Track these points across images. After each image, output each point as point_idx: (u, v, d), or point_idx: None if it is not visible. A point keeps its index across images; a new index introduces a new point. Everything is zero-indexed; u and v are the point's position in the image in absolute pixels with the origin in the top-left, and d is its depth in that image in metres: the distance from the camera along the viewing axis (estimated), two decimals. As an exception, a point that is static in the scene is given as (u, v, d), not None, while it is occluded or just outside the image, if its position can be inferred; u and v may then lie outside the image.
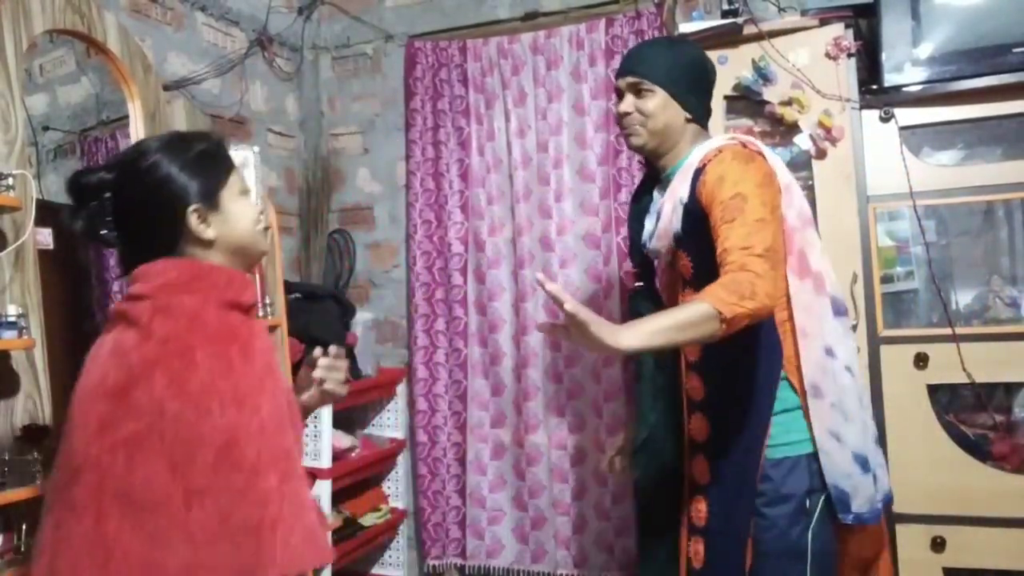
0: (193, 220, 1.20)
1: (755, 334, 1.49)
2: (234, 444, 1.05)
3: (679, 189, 1.57)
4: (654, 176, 1.72)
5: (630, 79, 1.63)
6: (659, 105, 1.60)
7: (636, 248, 1.79)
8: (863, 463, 1.54)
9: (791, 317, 1.55)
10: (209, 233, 1.21)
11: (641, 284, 1.80)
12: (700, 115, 1.64)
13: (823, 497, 1.55)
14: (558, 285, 1.23)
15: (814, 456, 1.54)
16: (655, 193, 1.72)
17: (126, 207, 1.22)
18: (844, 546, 1.60)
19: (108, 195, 1.22)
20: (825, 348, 1.54)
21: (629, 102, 1.62)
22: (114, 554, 1.03)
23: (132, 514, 1.03)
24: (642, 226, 1.74)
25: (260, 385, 1.10)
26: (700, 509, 1.61)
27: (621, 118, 1.65)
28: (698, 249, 1.54)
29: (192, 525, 1.02)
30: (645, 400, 1.77)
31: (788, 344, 1.56)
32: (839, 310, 1.58)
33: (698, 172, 1.54)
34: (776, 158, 1.59)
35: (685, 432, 1.67)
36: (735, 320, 1.31)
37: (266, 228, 1.30)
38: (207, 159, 1.23)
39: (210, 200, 1.22)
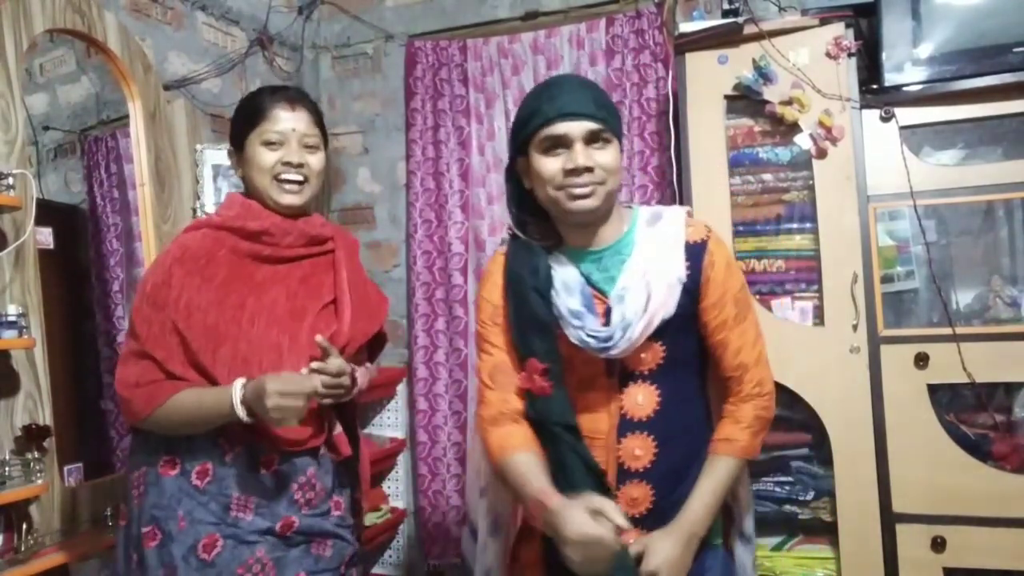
0: (231, 160, 1.52)
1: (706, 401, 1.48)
2: (132, 323, 1.41)
3: (671, 267, 1.34)
4: (545, 245, 1.39)
5: (590, 124, 1.29)
6: (618, 159, 1.32)
7: (543, 334, 1.36)
8: (744, 539, 1.53)
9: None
10: (239, 172, 1.51)
11: (552, 385, 1.37)
12: None
13: None
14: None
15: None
16: (572, 271, 1.37)
17: None
18: None
19: None
20: None
21: (586, 154, 1.29)
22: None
23: None
24: (547, 305, 1.35)
25: (166, 277, 1.40)
26: None
27: (574, 174, 1.29)
28: (675, 337, 1.37)
29: None
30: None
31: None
32: None
33: (697, 248, 1.36)
34: None
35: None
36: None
37: (284, 181, 1.46)
38: (247, 108, 1.48)
39: (238, 144, 1.49)
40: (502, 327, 1.42)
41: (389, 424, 2.93)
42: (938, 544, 1.99)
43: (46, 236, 1.88)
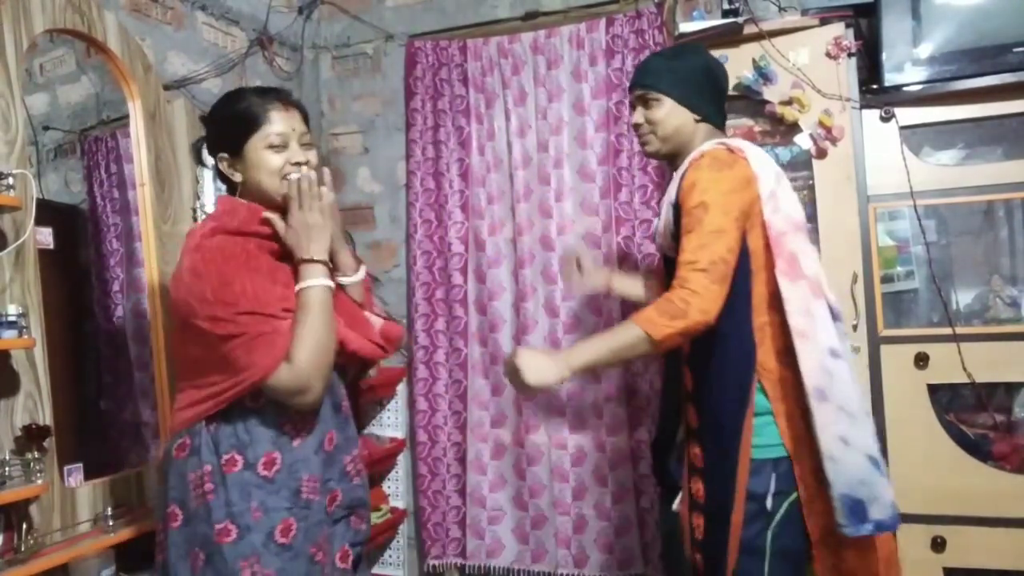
0: (223, 165, 1.51)
1: (726, 339, 1.59)
2: (208, 332, 1.40)
3: (671, 190, 1.69)
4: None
5: (637, 92, 1.74)
6: (666, 112, 1.70)
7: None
8: (876, 464, 1.53)
9: (782, 321, 1.57)
10: (237, 176, 1.50)
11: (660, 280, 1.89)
12: (711, 115, 1.72)
13: (790, 499, 1.58)
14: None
15: (782, 460, 1.59)
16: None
17: (207, 143, 1.56)
18: (843, 563, 1.59)
19: None
20: (830, 350, 1.53)
21: (639, 113, 1.74)
22: None
23: None
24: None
25: (223, 279, 1.39)
26: (699, 489, 1.68)
27: (636, 129, 1.77)
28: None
29: None
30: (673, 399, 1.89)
31: (765, 350, 1.59)
32: (836, 315, 1.59)
33: (683, 174, 1.64)
34: (766, 163, 1.62)
35: (684, 420, 1.78)
36: (666, 340, 1.50)
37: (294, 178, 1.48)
38: (242, 113, 1.48)
39: (236, 150, 1.48)
40: None
41: (389, 424, 2.93)
42: (938, 544, 2.00)
43: (46, 236, 1.87)
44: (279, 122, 1.48)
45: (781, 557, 1.58)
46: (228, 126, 1.50)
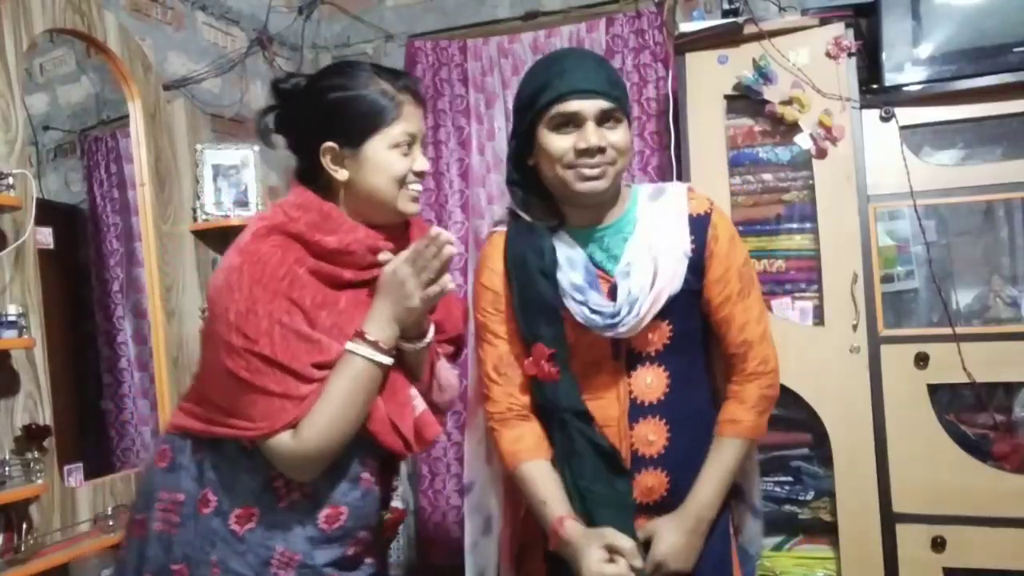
0: (326, 158, 1.21)
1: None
2: (223, 364, 1.16)
3: (676, 241, 1.31)
4: (549, 224, 1.35)
5: (603, 103, 1.26)
6: (629, 139, 1.31)
7: (550, 318, 1.32)
8: (755, 512, 1.52)
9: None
10: (340, 175, 1.21)
11: (559, 370, 1.33)
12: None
13: None
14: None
15: None
16: (577, 250, 1.34)
17: (292, 120, 1.26)
18: None
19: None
20: None
21: (598, 133, 1.26)
22: None
23: None
24: (553, 287, 1.31)
25: (250, 304, 1.14)
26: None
27: (586, 155, 1.26)
28: (682, 315, 1.33)
29: None
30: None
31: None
32: None
33: (700, 221, 1.33)
34: None
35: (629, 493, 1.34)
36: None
37: (412, 190, 1.24)
38: (373, 101, 1.20)
39: (353, 143, 1.20)
40: (504, 315, 1.38)
41: (389, 424, 2.93)
42: (938, 544, 1.99)
43: (46, 236, 1.88)
44: (410, 119, 1.22)
45: None
46: (350, 111, 1.20)
